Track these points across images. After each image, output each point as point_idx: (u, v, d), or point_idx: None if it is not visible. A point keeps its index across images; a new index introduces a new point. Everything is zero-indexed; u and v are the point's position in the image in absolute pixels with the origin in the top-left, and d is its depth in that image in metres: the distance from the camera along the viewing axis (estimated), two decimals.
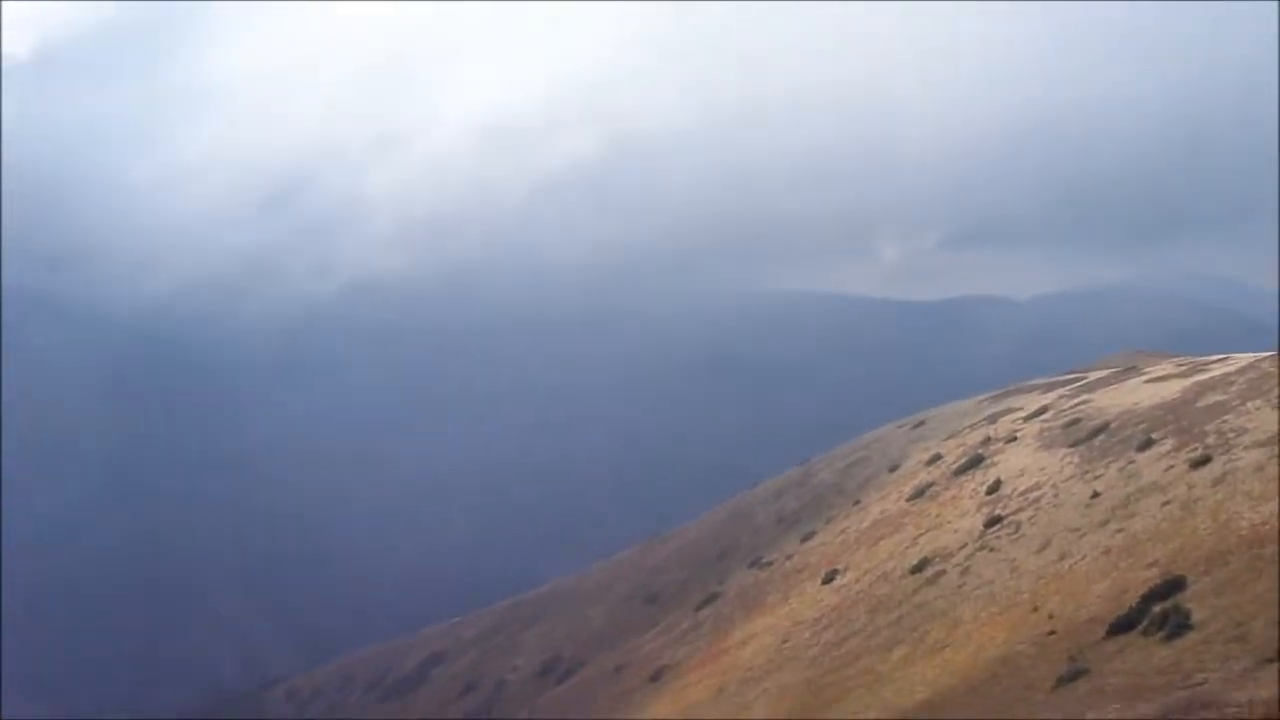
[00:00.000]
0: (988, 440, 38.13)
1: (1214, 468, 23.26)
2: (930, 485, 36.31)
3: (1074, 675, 16.23)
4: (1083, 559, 22.38)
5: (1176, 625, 15.97)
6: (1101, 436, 30.97)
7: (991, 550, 26.32)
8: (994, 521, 28.28)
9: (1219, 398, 28.81)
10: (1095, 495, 25.84)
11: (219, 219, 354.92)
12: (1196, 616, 15.94)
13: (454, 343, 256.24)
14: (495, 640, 62.11)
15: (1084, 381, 43.07)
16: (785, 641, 29.63)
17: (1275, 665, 12.85)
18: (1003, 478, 31.95)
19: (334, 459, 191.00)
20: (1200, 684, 13.28)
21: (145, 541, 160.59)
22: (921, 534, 31.47)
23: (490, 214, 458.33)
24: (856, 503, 41.41)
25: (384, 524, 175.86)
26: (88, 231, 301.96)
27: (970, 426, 42.96)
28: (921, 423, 50.94)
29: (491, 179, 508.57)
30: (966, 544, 27.98)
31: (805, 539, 40.98)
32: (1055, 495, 27.80)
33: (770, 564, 40.96)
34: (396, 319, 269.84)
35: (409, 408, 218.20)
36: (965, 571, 25.99)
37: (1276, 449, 22.26)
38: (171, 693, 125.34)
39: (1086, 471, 28.35)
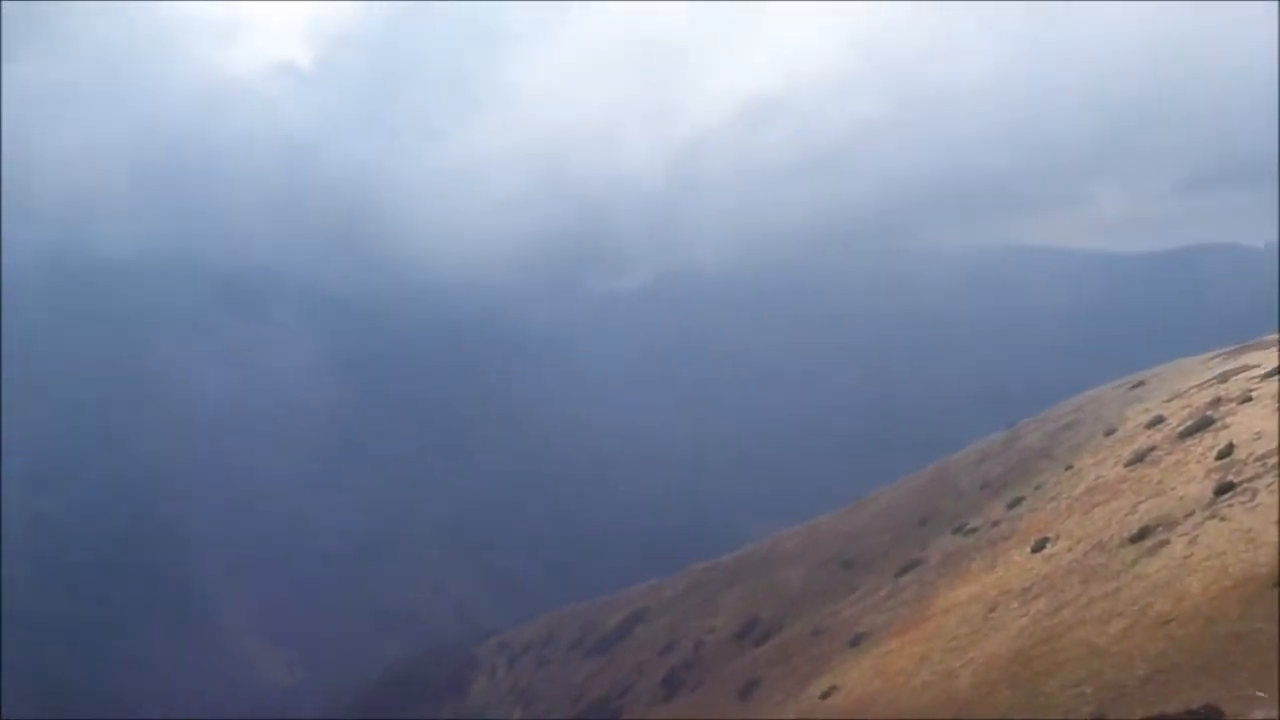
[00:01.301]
0: (1218, 401, 35.17)
1: None
2: (1151, 449, 33.89)
3: None
4: None
5: None
6: None
7: (1223, 520, 24.31)
8: (1225, 489, 26.08)
9: None
10: None
11: (505, 210, 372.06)
12: None
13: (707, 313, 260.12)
14: (694, 600, 63.03)
15: None
16: (992, 611, 28.53)
17: None
18: (1235, 441, 29.37)
19: (577, 429, 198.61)
20: None
21: (372, 508, 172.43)
22: (1141, 501, 29.45)
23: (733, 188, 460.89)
24: (1068, 468, 39.24)
25: (600, 489, 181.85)
26: (376, 223, 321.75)
27: (1197, 386, 39.76)
28: (1141, 383, 47.64)
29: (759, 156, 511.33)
30: (1194, 512, 25.98)
31: (1012, 505, 39.24)
32: None
33: (975, 530, 39.50)
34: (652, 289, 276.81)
35: (646, 378, 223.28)
36: (1192, 542, 24.15)
37: None
38: (396, 642, 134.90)
39: None
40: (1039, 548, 31.33)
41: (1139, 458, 33.76)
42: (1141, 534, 26.60)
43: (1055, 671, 21.34)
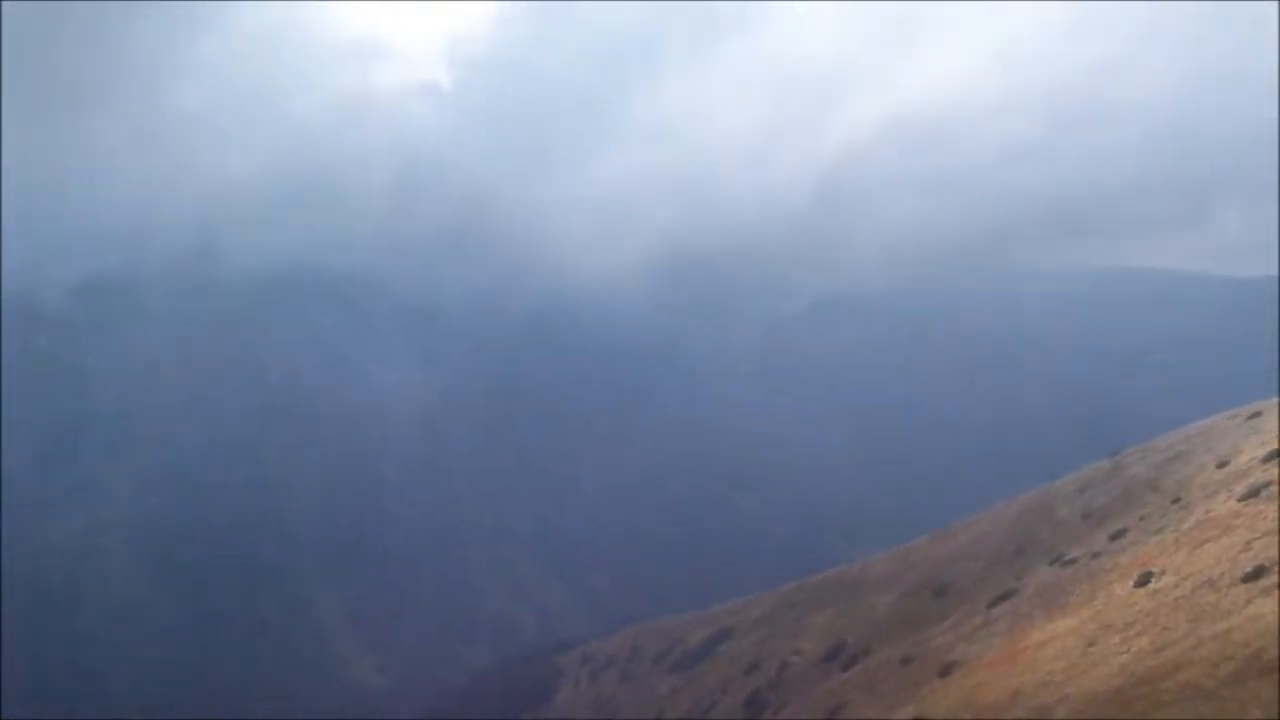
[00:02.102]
0: None
1: None
2: (1268, 484, 32.22)
3: None
4: None
5: None
6: None
7: None
8: None
9: None
10: None
11: (639, 230, 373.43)
12: None
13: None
14: (780, 622, 62.32)
15: None
16: (1091, 645, 27.44)
17: None
18: None
19: (684, 446, 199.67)
20: None
21: (466, 517, 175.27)
22: (1256, 538, 27.99)
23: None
24: (1176, 500, 37.59)
25: (696, 507, 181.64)
26: (515, 243, 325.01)
27: None
28: (1258, 413, 45.44)
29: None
30: None
31: (1115, 537, 37.76)
32: None
33: (1074, 562, 38.13)
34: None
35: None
36: None
37: None
38: (482, 648, 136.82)
39: None
40: (1143, 582, 30.05)
41: (1254, 493, 32.16)
42: (1256, 573, 25.28)
43: (1158, 714, 20.39)
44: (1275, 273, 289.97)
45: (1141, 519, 37.98)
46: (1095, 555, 37.04)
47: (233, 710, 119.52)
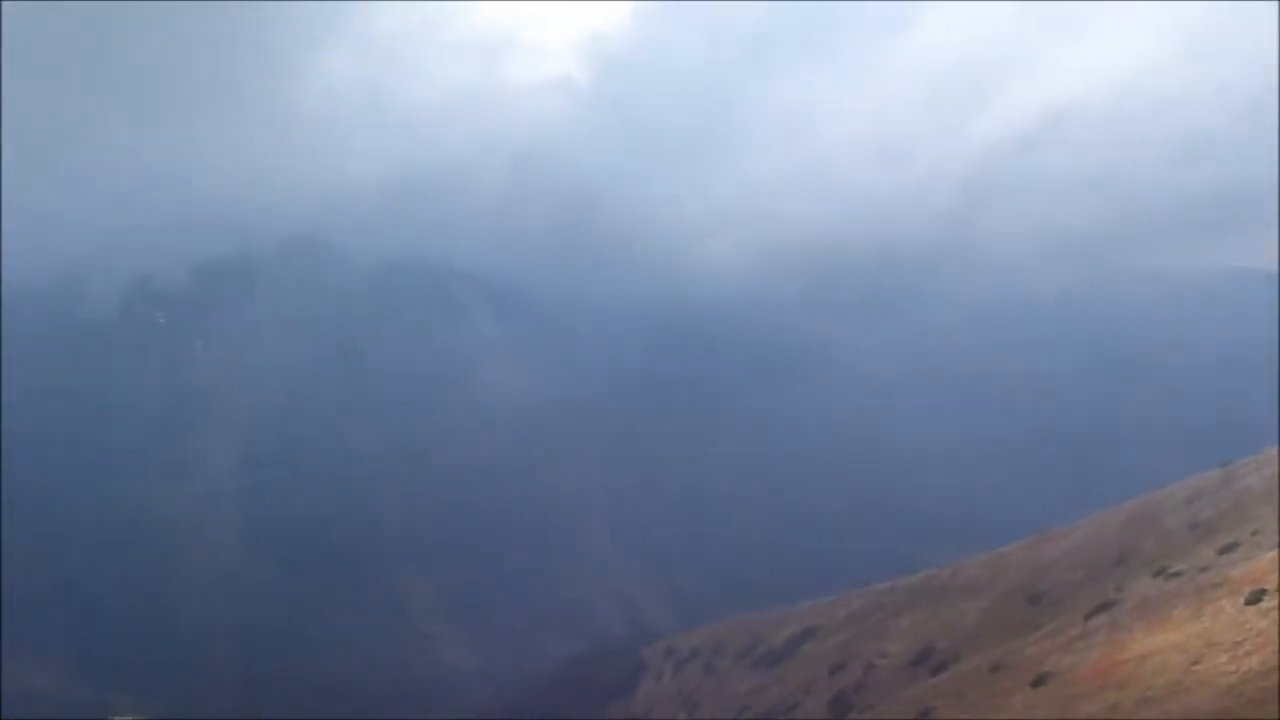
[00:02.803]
0: None
1: None
2: None
3: None
4: None
5: None
6: None
7: None
8: None
9: None
10: None
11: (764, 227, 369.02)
12: None
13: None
14: (867, 623, 61.43)
15: None
16: (1195, 664, 26.26)
17: None
18: None
19: (776, 447, 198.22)
20: None
21: (555, 506, 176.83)
22: None
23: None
24: None
25: (789, 506, 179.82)
26: (644, 241, 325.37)
27: None
28: None
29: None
30: None
31: (1224, 551, 36.10)
32: None
33: (1179, 575, 36.58)
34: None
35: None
36: None
37: None
38: (566, 636, 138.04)
39: None
40: (1254, 600, 28.63)
41: None
42: None
43: None
44: None
45: (1254, 533, 36.27)
46: (1202, 569, 35.50)
47: (326, 677, 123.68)
